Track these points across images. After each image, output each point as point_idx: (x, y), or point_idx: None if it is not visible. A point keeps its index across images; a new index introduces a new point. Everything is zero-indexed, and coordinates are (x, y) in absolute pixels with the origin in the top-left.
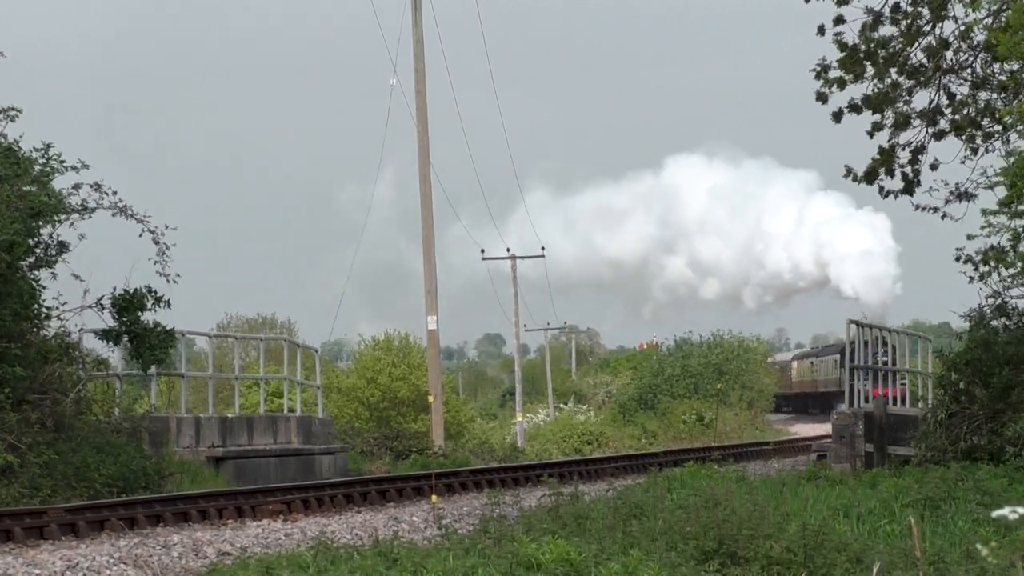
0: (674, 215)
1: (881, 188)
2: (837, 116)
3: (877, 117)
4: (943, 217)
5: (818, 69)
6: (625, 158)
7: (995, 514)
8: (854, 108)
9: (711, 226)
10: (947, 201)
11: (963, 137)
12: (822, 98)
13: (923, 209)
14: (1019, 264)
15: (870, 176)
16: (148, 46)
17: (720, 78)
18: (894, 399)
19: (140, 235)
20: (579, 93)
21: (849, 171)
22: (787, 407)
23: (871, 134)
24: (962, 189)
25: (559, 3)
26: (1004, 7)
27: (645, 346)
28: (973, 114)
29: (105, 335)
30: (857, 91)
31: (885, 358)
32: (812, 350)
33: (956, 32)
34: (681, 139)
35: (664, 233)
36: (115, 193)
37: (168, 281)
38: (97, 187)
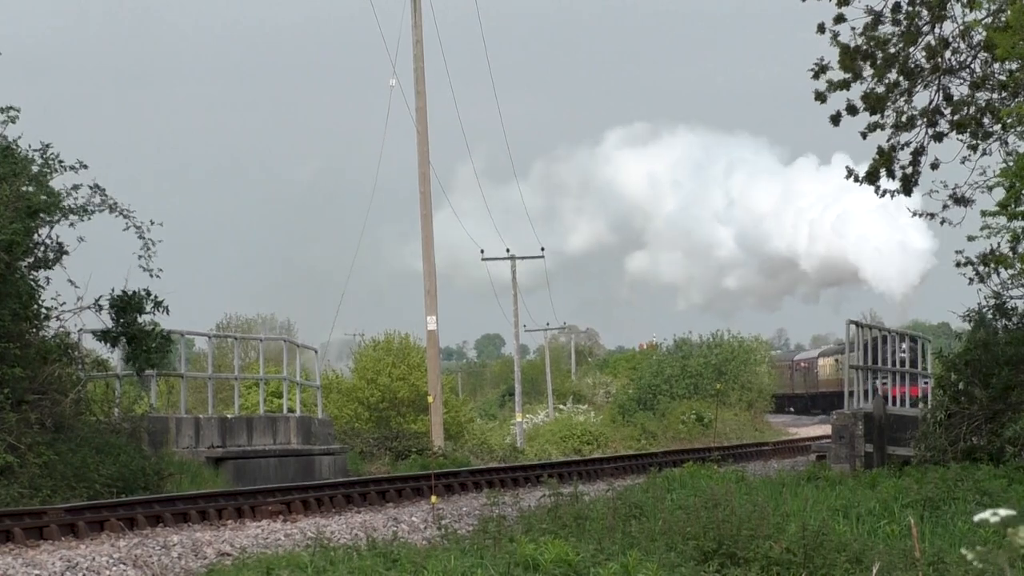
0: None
1: (877, 187)
2: (835, 119)
3: (875, 118)
4: (942, 223)
5: (816, 69)
6: None
7: (976, 518)
8: (851, 110)
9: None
10: (945, 206)
11: (965, 135)
12: (820, 98)
13: (921, 215)
14: (1018, 265)
15: (871, 177)
16: (148, 46)
17: (721, 78)
18: (919, 398)
19: (125, 229)
20: (579, 92)
21: (850, 172)
22: (815, 408)
23: (864, 135)
24: (960, 194)
25: (560, 3)
26: (1003, 7)
27: (644, 346)
28: (974, 112)
29: (103, 336)
30: (855, 92)
31: (904, 355)
32: (841, 346)
33: (956, 32)
34: None
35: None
36: (104, 190)
37: (151, 276)
38: (97, 188)
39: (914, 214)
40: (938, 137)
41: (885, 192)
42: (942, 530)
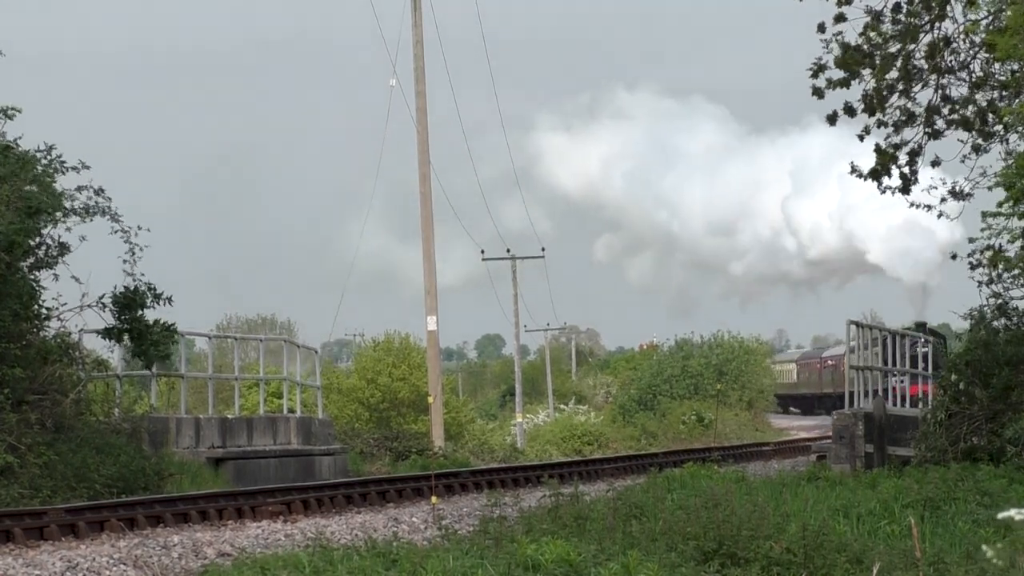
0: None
1: (879, 183)
2: (832, 119)
3: (875, 118)
4: (939, 216)
5: (814, 68)
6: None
7: (1000, 516)
8: (849, 111)
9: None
10: (943, 199)
11: (968, 133)
12: (818, 93)
13: (918, 207)
14: (1020, 265)
15: (875, 174)
16: (148, 46)
17: (723, 77)
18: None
19: (111, 233)
20: (579, 92)
21: (854, 169)
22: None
23: (862, 137)
24: (958, 188)
25: (560, 3)
26: (1003, 8)
27: (645, 347)
28: (974, 111)
29: (106, 333)
30: (853, 94)
31: (925, 349)
32: (872, 339)
33: (956, 32)
34: None
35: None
36: (103, 191)
37: (134, 281)
38: (100, 191)
39: (911, 205)
40: (935, 135)
41: (886, 189)
42: (942, 530)
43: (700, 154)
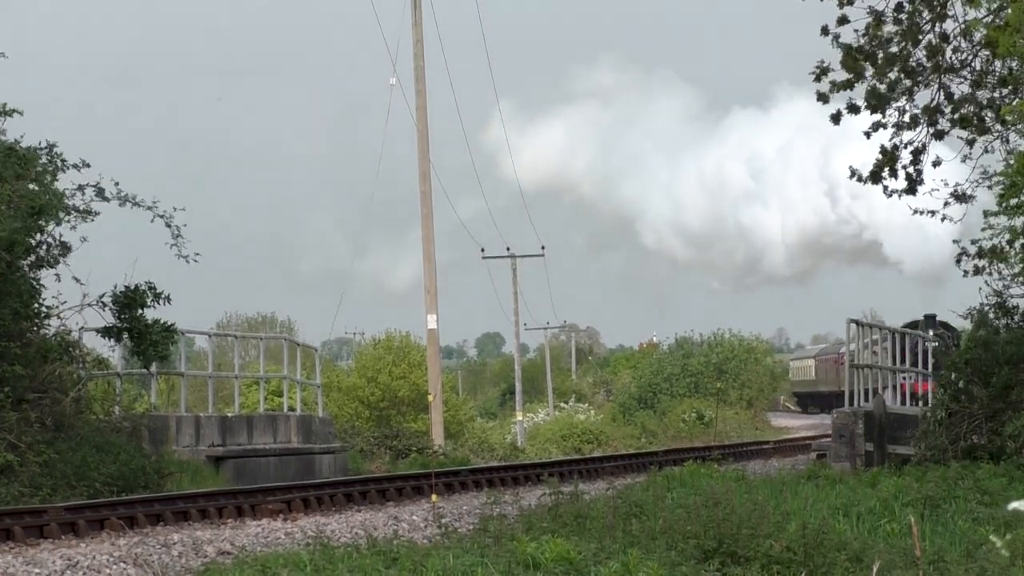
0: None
1: (885, 188)
2: (835, 118)
3: (877, 116)
4: (943, 220)
5: (817, 71)
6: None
7: (1011, 506)
8: (852, 109)
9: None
10: (946, 203)
11: (967, 131)
12: (823, 99)
13: (921, 213)
14: (1019, 265)
15: (875, 176)
16: (150, 45)
17: (723, 76)
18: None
19: (152, 221)
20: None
21: (853, 172)
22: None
23: (868, 135)
24: (960, 191)
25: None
26: (1004, 6)
27: (645, 345)
28: (975, 110)
29: (106, 332)
30: (858, 92)
31: (934, 344)
32: (898, 328)
33: (956, 30)
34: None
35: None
36: (117, 184)
37: (188, 262)
38: (100, 192)
39: (915, 212)
40: (939, 135)
41: (893, 192)
42: (942, 529)
43: (678, 149)
